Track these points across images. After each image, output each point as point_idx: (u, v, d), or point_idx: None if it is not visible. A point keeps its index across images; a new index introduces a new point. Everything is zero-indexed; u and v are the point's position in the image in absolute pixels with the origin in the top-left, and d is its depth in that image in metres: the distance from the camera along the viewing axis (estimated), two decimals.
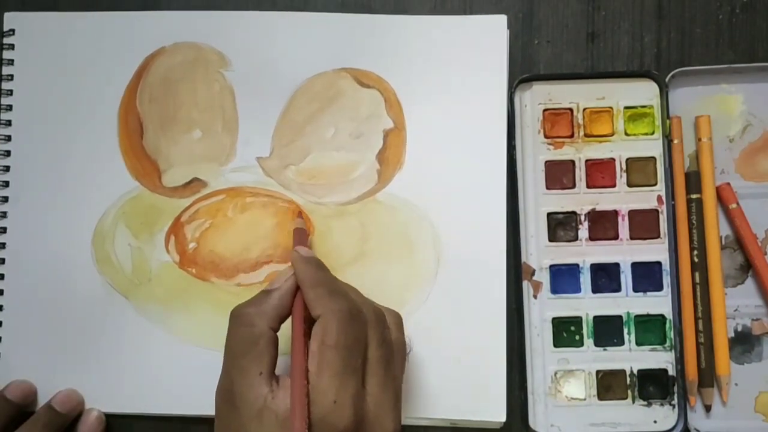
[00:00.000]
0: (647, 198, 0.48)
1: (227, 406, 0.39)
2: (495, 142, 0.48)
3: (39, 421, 0.46)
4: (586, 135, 0.48)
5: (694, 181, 0.48)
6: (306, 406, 0.37)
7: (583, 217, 0.48)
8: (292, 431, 0.36)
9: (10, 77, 0.49)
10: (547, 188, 0.48)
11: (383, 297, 0.43)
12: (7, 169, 0.49)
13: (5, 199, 0.49)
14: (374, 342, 0.40)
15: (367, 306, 0.41)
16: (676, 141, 0.48)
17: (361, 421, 0.38)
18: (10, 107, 0.49)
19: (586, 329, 0.47)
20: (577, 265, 0.48)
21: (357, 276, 0.47)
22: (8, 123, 0.49)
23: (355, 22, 0.49)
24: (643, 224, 0.48)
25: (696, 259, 0.47)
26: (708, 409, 0.47)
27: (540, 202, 0.48)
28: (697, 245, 0.47)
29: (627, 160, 0.48)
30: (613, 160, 0.48)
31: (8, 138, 0.49)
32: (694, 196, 0.48)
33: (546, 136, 0.49)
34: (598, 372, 0.47)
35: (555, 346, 0.47)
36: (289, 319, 0.41)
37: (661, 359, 0.47)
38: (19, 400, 0.47)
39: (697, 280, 0.47)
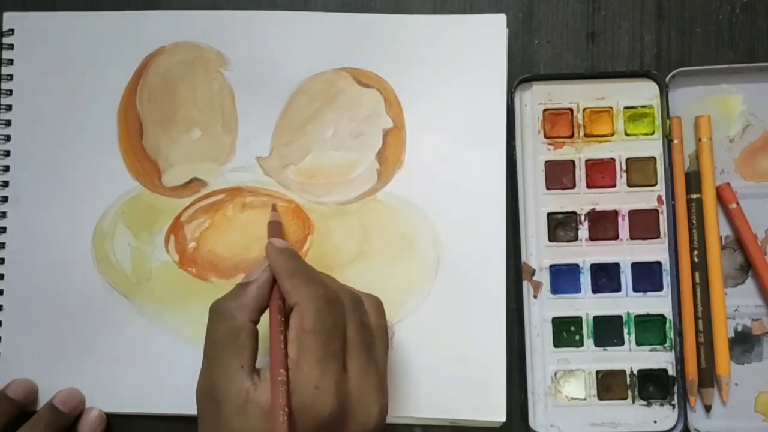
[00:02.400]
0: (647, 198, 0.48)
1: (209, 403, 0.38)
2: (494, 141, 0.48)
3: (41, 420, 0.46)
4: (586, 135, 0.48)
5: (694, 181, 0.48)
6: (286, 395, 0.36)
7: (583, 217, 0.48)
8: (272, 422, 0.36)
9: (10, 77, 0.49)
10: (547, 188, 0.48)
11: (383, 296, 0.43)
12: (6, 169, 0.49)
13: (5, 199, 0.49)
14: (353, 326, 0.39)
15: (344, 292, 0.41)
16: (676, 141, 0.48)
17: (344, 406, 0.38)
18: (9, 107, 0.49)
19: (586, 329, 0.47)
20: (577, 265, 0.48)
21: (357, 275, 0.47)
22: (8, 123, 0.49)
23: (355, 22, 0.49)
24: (643, 224, 0.48)
25: (696, 259, 0.47)
26: (708, 409, 0.47)
27: (540, 202, 0.48)
28: (697, 245, 0.47)
29: (627, 160, 0.48)
30: (613, 160, 0.48)
31: (8, 138, 0.49)
32: (694, 196, 0.48)
33: (546, 136, 0.48)
34: (598, 372, 0.47)
35: (555, 346, 0.47)
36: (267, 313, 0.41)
37: (661, 359, 0.47)
38: (21, 399, 0.47)
39: (697, 280, 0.47)
